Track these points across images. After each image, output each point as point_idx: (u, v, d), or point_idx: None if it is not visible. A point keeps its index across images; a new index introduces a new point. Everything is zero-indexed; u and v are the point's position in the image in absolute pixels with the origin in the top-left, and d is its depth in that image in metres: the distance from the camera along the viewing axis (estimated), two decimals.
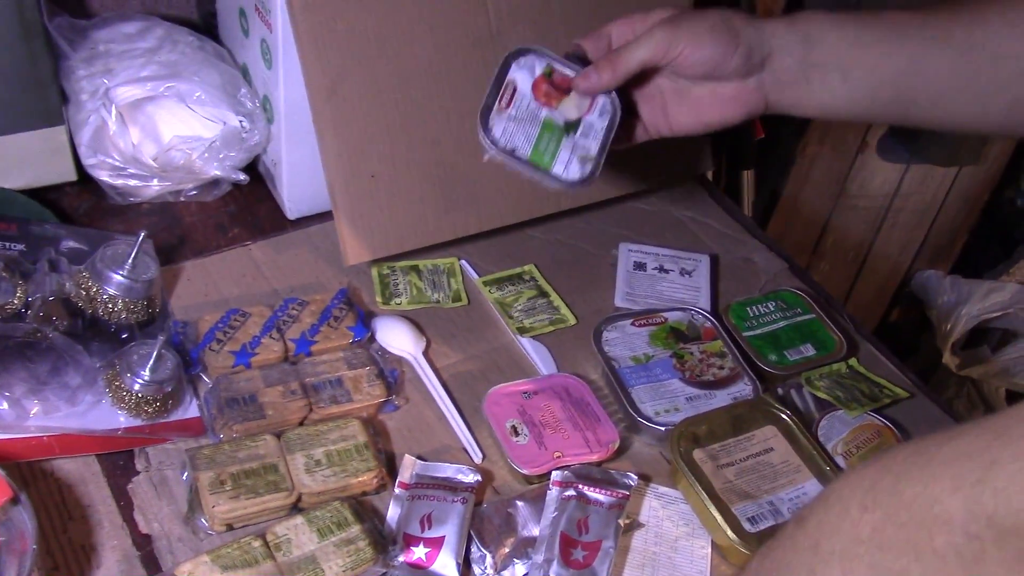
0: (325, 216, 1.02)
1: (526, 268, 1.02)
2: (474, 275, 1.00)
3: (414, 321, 0.94)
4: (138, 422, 0.82)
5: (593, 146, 0.78)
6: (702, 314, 0.97)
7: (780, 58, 0.76)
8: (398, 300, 0.96)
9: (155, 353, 0.82)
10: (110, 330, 0.87)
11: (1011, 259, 1.85)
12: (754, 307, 0.99)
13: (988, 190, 1.85)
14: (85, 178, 1.00)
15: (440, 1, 0.91)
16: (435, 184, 0.95)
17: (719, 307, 1.01)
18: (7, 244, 0.89)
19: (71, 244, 0.94)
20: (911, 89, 0.74)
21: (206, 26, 1.12)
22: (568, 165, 0.78)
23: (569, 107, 0.78)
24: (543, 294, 1.00)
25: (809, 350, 0.95)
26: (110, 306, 0.86)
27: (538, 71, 0.78)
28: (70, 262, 0.90)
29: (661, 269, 1.02)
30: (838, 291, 1.81)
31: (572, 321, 0.98)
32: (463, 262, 1.01)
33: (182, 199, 1.03)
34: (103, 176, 0.98)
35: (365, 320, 0.92)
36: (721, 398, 0.90)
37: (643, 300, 0.99)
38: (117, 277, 0.86)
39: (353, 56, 0.89)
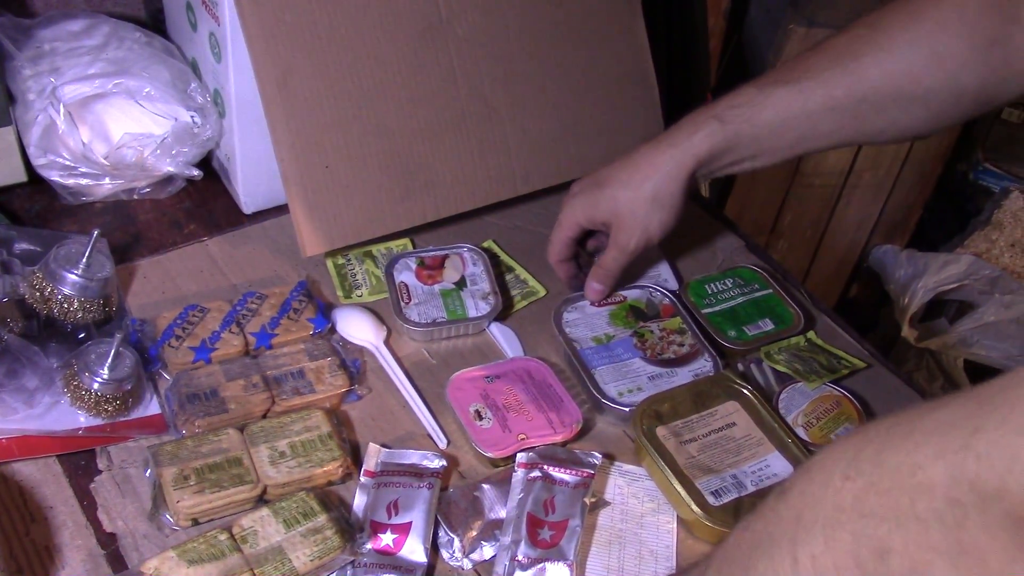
0: (282, 209, 1.02)
1: (486, 244, 1.02)
2: None
3: (374, 311, 0.94)
4: (98, 421, 0.81)
5: (485, 285, 0.97)
6: (660, 291, 0.98)
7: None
8: (359, 292, 0.96)
9: (113, 351, 0.81)
10: (66, 330, 0.86)
11: (965, 232, 1.88)
12: (712, 284, 1.00)
13: (941, 164, 1.87)
14: (35, 179, 0.99)
15: None
16: (390, 173, 0.95)
17: (680, 279, 1.01)
18: None
19: (23, 246, 0.93)
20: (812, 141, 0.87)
21: (153, 22, 1.11)
22: (477, 306, 0.95)
23: (450, 273, 0.97)
24: (508, 269, 1.01)
25: (768, 325, 0.96)
26: (65, 306, 0.85)
27: (413, 265, 0.97)
28: (23, 263, 0.89)
29: None
30: (797, 269, 1.83)
31: (543, 292, 0.99)
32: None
33: (135, 197, 1.02)
34: (54, 176, 0.97)
35: (325, 311, 0.92)
36: (683, 375, 0.90)
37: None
38: (71, 277, 0.85)
39: (303, 47, 0.89)
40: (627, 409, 0.86)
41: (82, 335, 0.86)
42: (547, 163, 1.04)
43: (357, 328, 0.92)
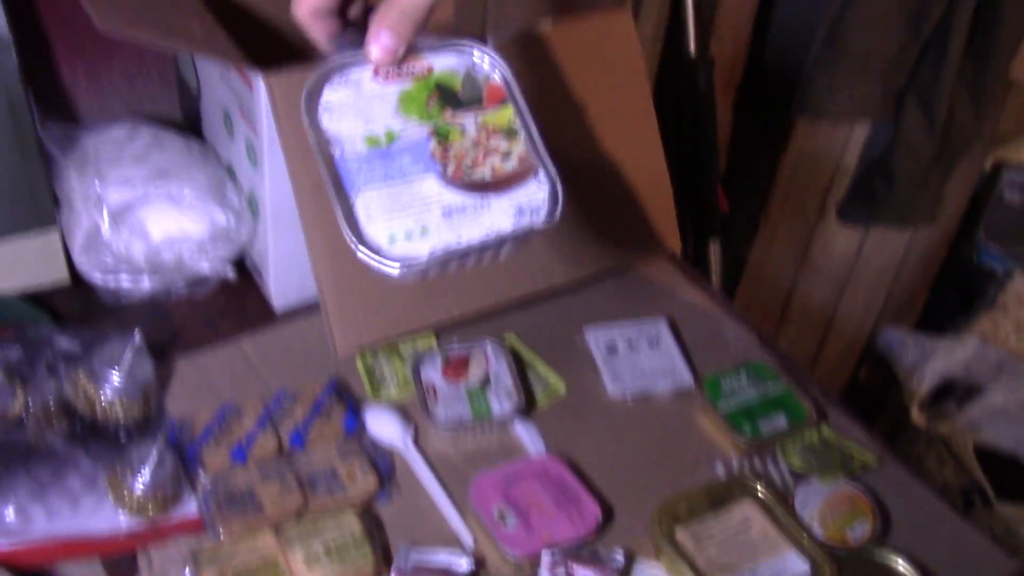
0: (311, 307, 1.06)
1: (508, 338, 1.06)
2: None
3: (402, 409, 0.97)
4: (140, 523, 0.84)
5: (508, 383, 0.98)
6: (490, 58, 0.71)
7: None
8: (387, 390, 1.00)
9: (154, 453, 0.84)
10: (108, 431, 0.89)
11: (971, 313, 1.91)
12: (727, 380, 1.03)
13: (945, 247, 1.91)
14: (77, 279, 1.03)
15: None
16: None
17: (696, 375, 1.05)
18: (4, 348, 0.92)
19: (66, 346, 0.97)
20: None
21: (190, 125, 1.17)
22: (501, 404, 0.96)
23: (475, 371, 0.98)
24: (529, 365, 1.04)
25: (781, 420, 1.00)
26: (108, 407, 0.89)
27: (439, 363, 0.99)
28: (66, 364, 0.93)
29: (631, 345, 1.06)
30: (806, 353, 1.86)
31: (563, 391, 1.02)
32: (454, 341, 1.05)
33: (172, 296, 1.06)
34: (96, 277, 1.01)
35: (355, 411, 0.95)
36: (500, 211, 0.66)
37: (634, 381, 1.03)
38: (114, 378, 0.89)
39: None
40: (397, 267, 0.63)
41: (123, 436, 0.89)
42: (566, 259, 1.08)
43: (385, 428, 0.95)
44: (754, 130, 1.65)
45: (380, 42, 0.66)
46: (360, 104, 0.67)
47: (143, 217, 1.00)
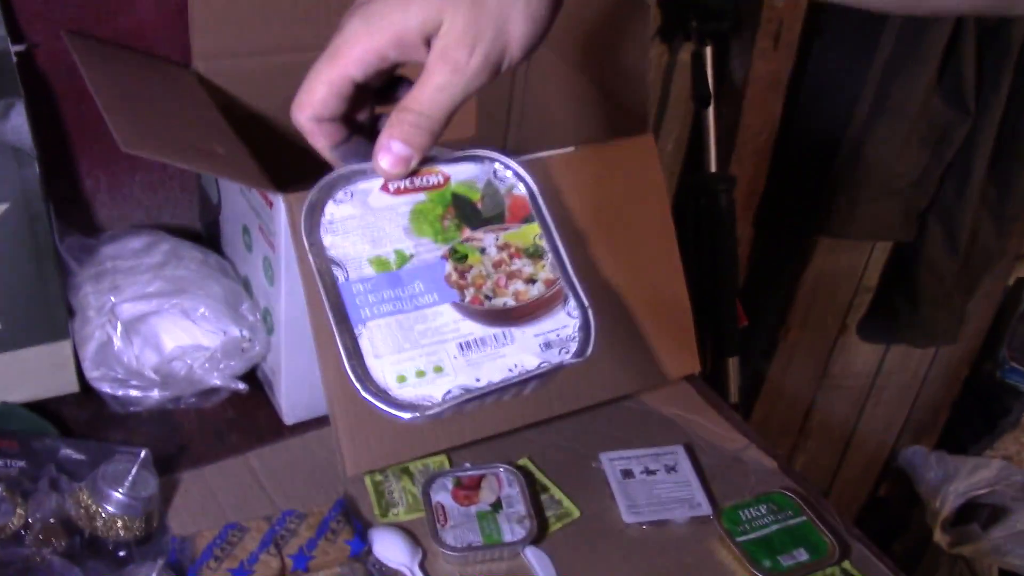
0: (321, 421, 1.04)
1: (521, 462, 1.04)
2: None
3: (411, 531, 0.95)
4: None
5: (520, 508, 0.96)
6: (511, 167, 0.66)
7: None
8: (395, 511, 0.97)
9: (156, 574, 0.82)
10: (108, 548, 0.87)
11: (994, 433, 1.87)
12: (746, 511, 1.00)
13: (968, 365, 1.89)
14: (86, 388, 1.02)
15: None
16: None
17: (714, 504, 1.02)
18: (8, 461, 0.91)
19: (72, 455, 0.95)
20: None
21: (209, 236, 1.17)
22: (513, 530, 0.94)
23: (486, 494, 0.97)
24: (543, 488, 1.01)
25: (802, 555, 0.96)
26: (109, 525, 0.87)
27: (450, 485, 0.97)
28: (70, 476, 0.91)
29: (648, 471, 1.04)
30: (825, 469, 1.83)
31: (576, 514, 0.99)
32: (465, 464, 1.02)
33: (181, 406, 1.05)
34: (105, 388, 1.00)
35: (362, 533, 0.92)
36: (525, 345, 0.61)
37: (649, 509, 1.00)
38: (117, 495, 0.87)
39: None
40: (406, 414, 0.57)
41: (123, 554, 0.87)
42: (583, 384, 1.06)
43: (393, 551, 0.92)
44: (774, 246, 1.65)
45: (391, 153, 0.59)
46: (367, 221, 0.61)
47: (156, 328, 0.99)
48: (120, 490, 0.87)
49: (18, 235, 0.93)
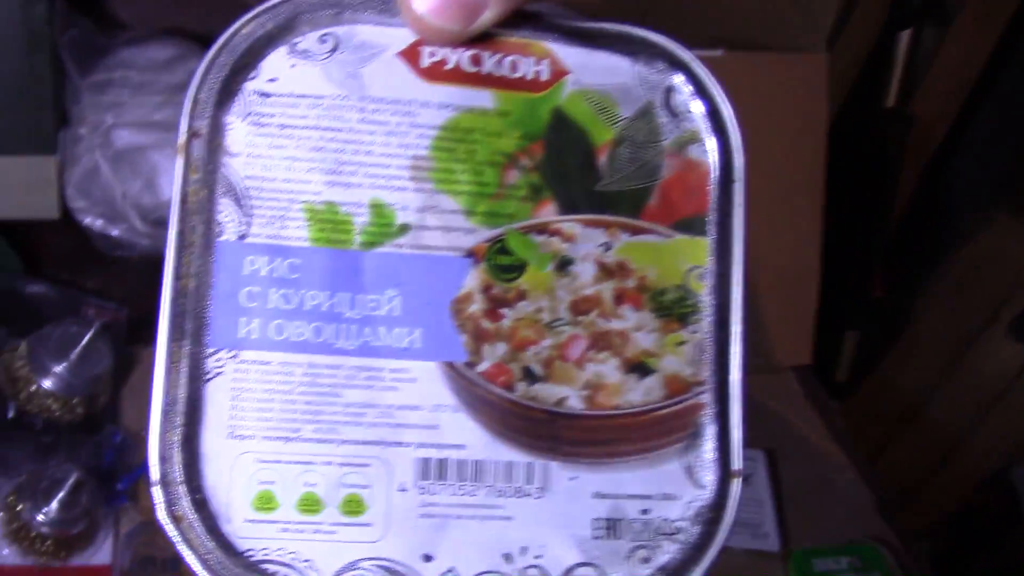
0: None
1: None
2: None
3: None
4: (27, 562, 0.66)
5: None
6: (712, 92, 0.37)
7: None
8: None
9: (70, 483, 0.66)
10: (35, 427, 0.71)
11: None
12: (823, 560, 0.79)
13: None
14: (68, 219, 0.84)
15: None
16: None
17: (785, 538, 0.81)
18: None
19: (30, 297, 0.79)
20: None
21: None
22: None
23: None
24: None
25: None
26: (41, 401, 0.70)
27: None
28: (22, 324, 0.75)
29: None
30: (921, 469, 1.60)
31: None
32: None
33: None
34: (87, 221, 0.83)
35: None
36: (563, 504, 0.34)
37: None
38: (57, 369, 0.70)
39: None
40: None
41: (49, 439, 0.71)
42: None
43: None
44: (934, 210, 1.37)
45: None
46: (343, 118, 0.34)
47: (154, 166, 0.80)
48: (63, 363, 0.70)
49: (8, 16, 0.75)
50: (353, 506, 0.31)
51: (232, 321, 0.32)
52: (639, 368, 0.34)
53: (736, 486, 0.33)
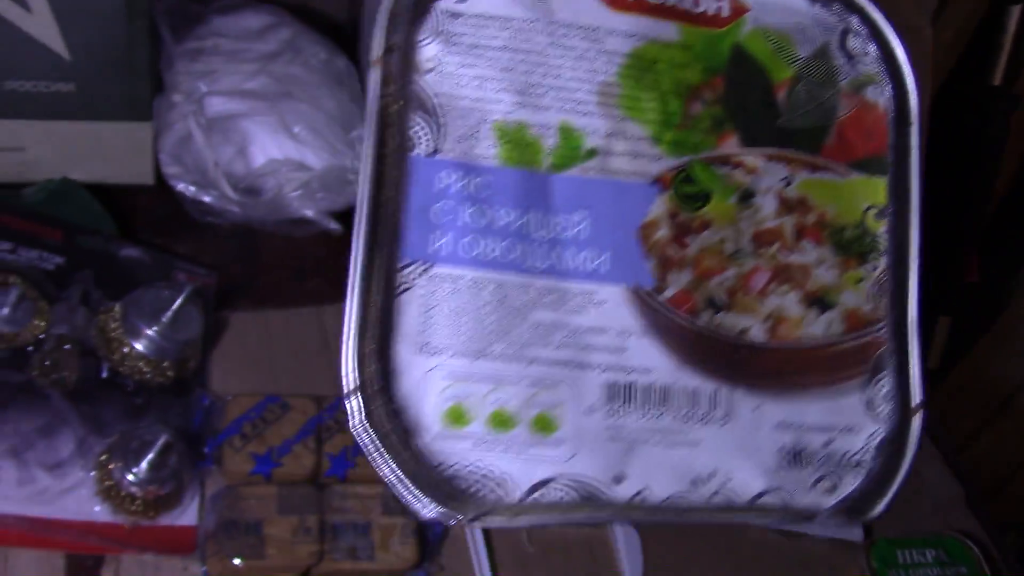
0: None
1: None
2: None
3: None
4: (118, 520, 0.68)
5: None
6: (888, 38, 0.39)
7: None
8: None
9: (160, 445, 0.67)
10: (126, 389, 0.73)
11: None
12: (907, 552, 0.78)
13: None
14: (164, 185, 0.86)
15: None
16: None
17: (868, 528, 0.79)
18: (43, 255, 0.76)
19: (124, 260, 0.81)
20: None
21: (352, 28, 0.96)
22: None
23: None
24: None
25: None
26: (132, 363, 0.72)
27: None
28: (117, 286, 0.76)
29: None
30: (1011, 458, 1.55)
31: None
32: None
33: (268, 228, 0.88)
34: (181, 187, 0.84)
35: None
36: (748, 432, 0.38)
37: None
38: (149, 332, 0.72)
39: None
40: (429, 511, 0.39)
41: (140, 401, 0.73)
42: None
43: None
44: None
45: None
46: (533, 42, 0.33)
47: (246, 134, 0.81)
48: (155, 326, 0.72)
49: None
50: (544, 425, 0.33)
51: (424, 235, 0.33)
52: (819, 302, 0.35)
53: (917, 420, 0.33)
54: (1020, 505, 1.54)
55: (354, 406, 0.29)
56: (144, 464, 0.67)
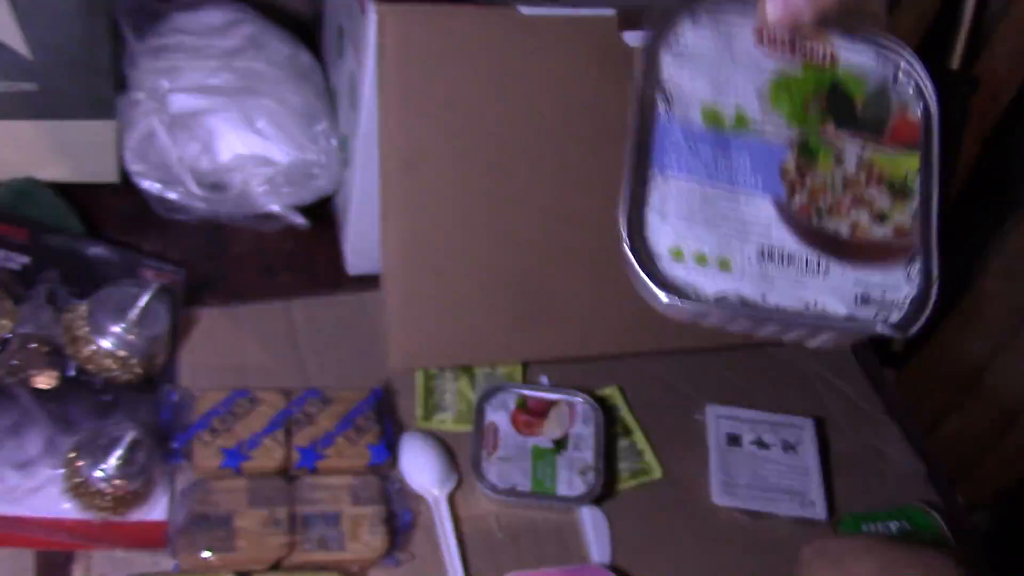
0: None
1: (608, 392, 0.84)
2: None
3: (450, 449, 0.78)
4: (88, 516, 0.68)
5: (588, 456, 0.77)
6: (920, 79, 0.58)
7: None
8: (441, 417, 0.80)
9: (127, 441, 0.68)
10: (94, 387, 0.73)
11: None
12: (871, 525, 0.79)
13: None
14: (129, 183, 0.86)
15: (573, 79, 0.73)
16: (511, 293, 0.78)
17: (832, 507, 0.81)
18: (9, 254, 0.77)
19: (89, 258, 0.81)
20: None
21: (316, 26, 0.96)
22: (571, 482, 0.76)
23: (552, 427, 0.78)
24: (626, 431, 0.82)
25: None
26: (100, 361, 0.73)
27: (512, 404, 0.79)
28: (83, 284, 0.77)
29: (759, 443, 0.83)
30: (979, 440, 1.56)
31: (658, 474, 0.80)
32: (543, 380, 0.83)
33: (236, 223, 0.88)
34: (146, 185, 0.84)
35: (391, 439, 0.76)
36: (838, 287, 0.54)
37: (748, 493, 0.80)
38: (116, 329, 0.72)
39: (443, 130, 0.72)
40: (662, 295, 0.51)
41: (108, 398, 0.73)
42: None
43: (421, 470, 0.76)
44: (1002, 172, 1.34)
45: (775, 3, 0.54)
46: (720, 61, 0.56)
47: (213, 128, 0.82)
48: (121, 324, 0.72)
49: None
50: (724, 264, 0.53)
51: (661, 159, 0.53)
52: (879, 218, 0.56)
53: (936, 287, 0.55)
54: (991, 484, 1.56)
55: (626, 245, 0.52)
56: (112, 460, 0.67)
